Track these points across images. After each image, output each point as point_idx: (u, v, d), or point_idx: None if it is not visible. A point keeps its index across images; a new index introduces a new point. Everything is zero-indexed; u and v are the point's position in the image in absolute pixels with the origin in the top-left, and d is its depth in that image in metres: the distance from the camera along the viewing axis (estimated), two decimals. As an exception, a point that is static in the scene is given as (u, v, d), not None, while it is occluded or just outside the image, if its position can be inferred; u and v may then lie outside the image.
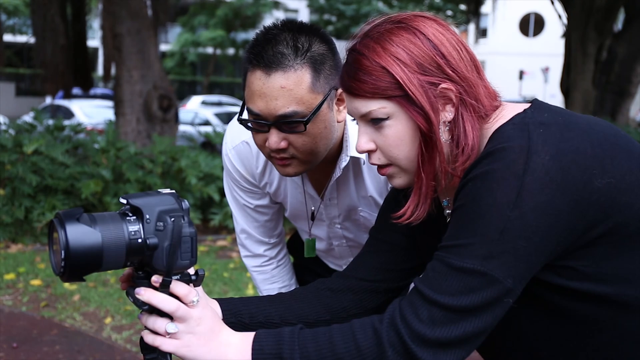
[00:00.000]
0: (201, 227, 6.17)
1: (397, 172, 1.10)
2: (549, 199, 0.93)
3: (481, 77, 1.07)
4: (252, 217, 1.71)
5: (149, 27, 7.23)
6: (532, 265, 0.96)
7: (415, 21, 1.06)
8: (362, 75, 1.05)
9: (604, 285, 1.00)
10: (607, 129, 1.03)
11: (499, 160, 0.96)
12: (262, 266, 1.79)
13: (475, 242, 0.95)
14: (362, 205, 1.57)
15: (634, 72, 10.37)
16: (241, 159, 1.60)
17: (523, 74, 29.49)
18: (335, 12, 28.33)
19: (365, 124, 1.09)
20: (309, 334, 1.02)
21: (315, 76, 1.30)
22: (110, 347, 3.47)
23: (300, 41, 1.31)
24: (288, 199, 1.64)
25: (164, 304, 0.99)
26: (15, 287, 4.46)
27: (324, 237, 1.70)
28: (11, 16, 25.10)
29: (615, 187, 0.96)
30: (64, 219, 0.93)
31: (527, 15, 15.91)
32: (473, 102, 1.04)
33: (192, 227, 0.99)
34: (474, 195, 0.97)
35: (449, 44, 1.05)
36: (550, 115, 1.02)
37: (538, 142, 0.95)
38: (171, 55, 31.43)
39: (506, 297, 0.95)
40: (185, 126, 11.74)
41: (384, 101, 1.04)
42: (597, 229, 0.97)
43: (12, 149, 5.89)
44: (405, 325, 0.96)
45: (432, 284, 0.97)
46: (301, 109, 1.30)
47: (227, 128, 1.64)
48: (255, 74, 1.30)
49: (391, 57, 1.03)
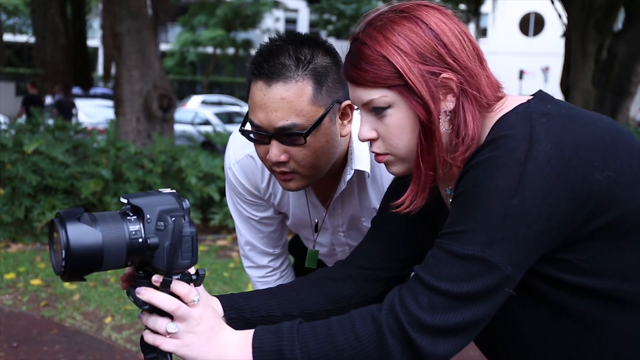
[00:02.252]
0: (201, 226, 6.17)
1: (395, 160, 1.10)
2: (549, 187, 0.93)
3: (484, 67, 1.07)
4: (257, 228, 1.70)
5: (149, 27, 7.24)
6: (531, 253, 0.96)
7: (418, 10, 1.06)
8: (364, 64, 1.05)
9: (599, 280, 1.00)
10: (609, 125, 1.03)
11: (500, 147, 0.96)
12: (265, 277, 1.78)
13: (476, 229, 0.95)
14: (365, 216, 1.57)
15: (634, 71, 10.37)
16: (245, 173, 1.59)
17: (523, 74, 29.47)
18: (335, 11, 28.31)
19: (367, 113, 1.09)
20: (308, 328, 1.02)
21: (317, 88, 1.29)
22: (111, 347, 3.47)
23: (303, 53, 1.30)
24: (290, 210, 1.63)
25: (164, 303, 0.99)
26: (16, 287, 4.46)
27: (327, 244, 1.70)
28: (11, 16, 25.11)
29: (615, 181, 0.97)
30: (65, 218, 0.93)
31: (527, 15, 15.91)
32: (475, 92, 1.04)
33: (193, 226, 0.99)
34: (475, 182, 0.97)
35: (451, 33, 1.04)
36: (554, 106, 1.02)
37: (541, 131, 0.96)
38: (171, 54, 31.42)
39: (506, 285, 0.95)
40: (185, 126, 11.74)
41: (385, 90, 1.04)
42: (596, 222, 0.97)
43: (12, 149, 5.89)
44: (404, 312, 0.96)
45: (433, 271, 0.97)
46: (301, 122, 1.28)
47: (228, 142, 1.63)
48: (257, 85, 1.30)
49: (392, 46, 1.03)
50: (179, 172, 6.14)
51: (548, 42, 27.74)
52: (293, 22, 35.60)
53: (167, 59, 30.44)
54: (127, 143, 6.41)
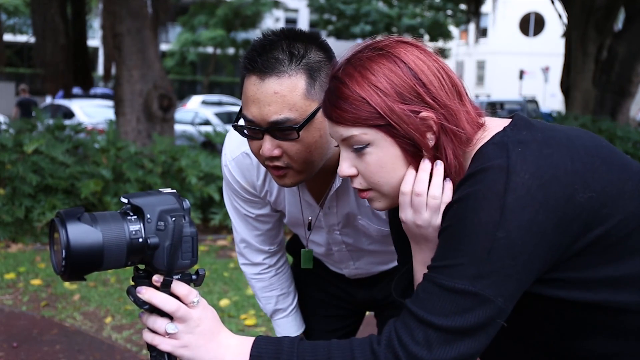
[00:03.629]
0: (201, 226, 6.17)
1: (378, 196, 1.11)
2: (532, 217, 0.94)
3: (463, 102, 1.07)
4: (254, 226, 1.70)
5: (149, 27, 7.24)
6: (521, 283, 0.97)
7: (396, 48, 1.06)
8: (343, 103, 1.05)
9: (591, 293, 1.00)
10: (587, 141, 1.04)
11: (480, 182, 0.97)
12: (260, 274, 1.78)
13: (464, 262, 0.96)
14: (361, 214, 1.56)
15: (634, 71, 10.37)
16: (241, 170, 1.59)
17: (523, 74, 29.48)
18: (336, 11, 28.29)
19: (347, 149, 1.09)
20: (308, 346, 1.02)
21: (310, 83, 1.29)
22: (111, 347, 3.47)
23: (296, 47, 1.30)
24: (286, 207, 1.63)
25: (164, 304, 0.99)
26: (16, 287, 4.46)
27: (323, 243, 1.70)
28: (11, 16, 25.11)
29: (596, 200, 0.97)
30: (65, 218, 0.93)
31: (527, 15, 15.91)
32: (454, 128, 1.05)
33: (193, 226, 0.99)
34: (460, 216, 0.98)
35: (430, 71, 1.05)
36: (529, 132, 1.02)
37: (517, 161, 0.97)
38: (171, 54, 31.44)
39: (498, 316, 0.96)
40: (186, 126, 11.74)
41: (365, 128, 1.05)
42: (581, 242, 0.98)
43: (13, 149, 5.89)
44: (402, 348, 0.97)
45: (425, 305, 0.98)
46: (294, 116, 1.28)
47: (225, 139, 1.63)
48: (250, 80, 1.30)
49: (371, 86, 1.03)
50: (179, 172, 6.14)
51: (548, 42, 27.76)
52: (293, 22, 35.60)
53: (167, 59, 30.46)
54: (127, 143, 6.41)
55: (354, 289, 1.83)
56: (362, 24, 27.62)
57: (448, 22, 29.08)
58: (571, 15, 11.08)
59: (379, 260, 1.73)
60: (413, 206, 1.08)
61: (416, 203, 1.07)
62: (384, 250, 1.69)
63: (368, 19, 27.71)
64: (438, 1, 27.93)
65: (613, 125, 8.87)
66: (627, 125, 9.76)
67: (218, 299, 4.23)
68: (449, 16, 28.65)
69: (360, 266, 1.74)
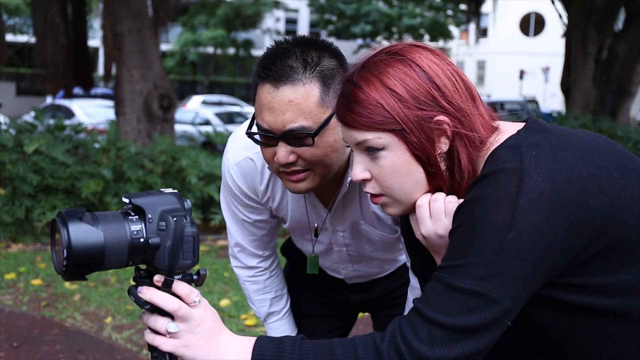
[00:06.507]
0: (202, 226, 6.17)
1: (391, 202, 1.11)
2: (543, 220, 0.94)
3: (477, 105, 1.08)
4: (250, 231, 1.70)
5: (149, 27, 7.24)
6: (529, 285, 0.97)
7: (410, 52, 1.06)
8: (358, 107, 1.05)
9: (603, 297, 1.00)
10: (602, 146, 1.03)
11: (492, 184, 0.97)
12: (255, 276, 1.78)
13: (473, 263, 0.96)
14: (364, 220, 1.57)
15: (634, 71, 10.37)
16: (244, 176, 1.58)
17: (523, 74, 29.47)
18: (336, 11, 28.28)
19: (361, 153, 1.09)
20: (310, 345, 1.02)
21: (324, 90, 1.29)
22: (111, 347, 3.47)
23: (310, 55, 1.30)
24: (289, 213, 1.63)
25: (165, 303, 0.99)
26: (16, 287, 4.47)
27: (325, 242, 1.70)
28: (12, 16, 25.11)
29: (610, 205, 0.97)
30: (67, 217, 0.93)
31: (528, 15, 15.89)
32: (468, 133, 1.05)
33: (194, 226, 0.99)
34: (470, 216, 0.98)
35: (444, 75, 1.05)
36: (544, 136, 1.02)
37: (531, 164, 0.96)
38: (171, 54, 31.42)
39: (504, 317, 0.96)
40: (186, 126, 11.74)
41: (379, 132, 1.05)
42: (594, 247, 0.97)
43: (13, 149, 5.89)
44: (405, 344, 0.97)
45: (431, 304, 0.98)
46: (309, 124, 1.28)
47: (227, 144, 1.62)
48: (264, 88, 1.30)
49: (387, 90, 1.03)
50: (179, 172, 6.14)
51: (548, 42, 27.74)
52: (293, 22, 35.60)
53: (167, 59, 30.44)
54: (127, 143, 6.41)
55: (349, 291, 1.83)
56: (363, 23, 27.61)
57: (448, 22, 29.08)
58: (571, 15, 11.08)
59: (376, 265, 1.74)
60: (432, 215, 1.08)
61: (435, 210, 1.07)
62: (382, 258, 1.70)
63: (368, 19, 27.70)
64: (438, 1, 27.92)
65: (613, 125, 8.87)
66: (628, 125, 9.77)
67: (218, 299, 4.23)
68: (449, 16, 28.66)
69: (358, 269, 1.74)
